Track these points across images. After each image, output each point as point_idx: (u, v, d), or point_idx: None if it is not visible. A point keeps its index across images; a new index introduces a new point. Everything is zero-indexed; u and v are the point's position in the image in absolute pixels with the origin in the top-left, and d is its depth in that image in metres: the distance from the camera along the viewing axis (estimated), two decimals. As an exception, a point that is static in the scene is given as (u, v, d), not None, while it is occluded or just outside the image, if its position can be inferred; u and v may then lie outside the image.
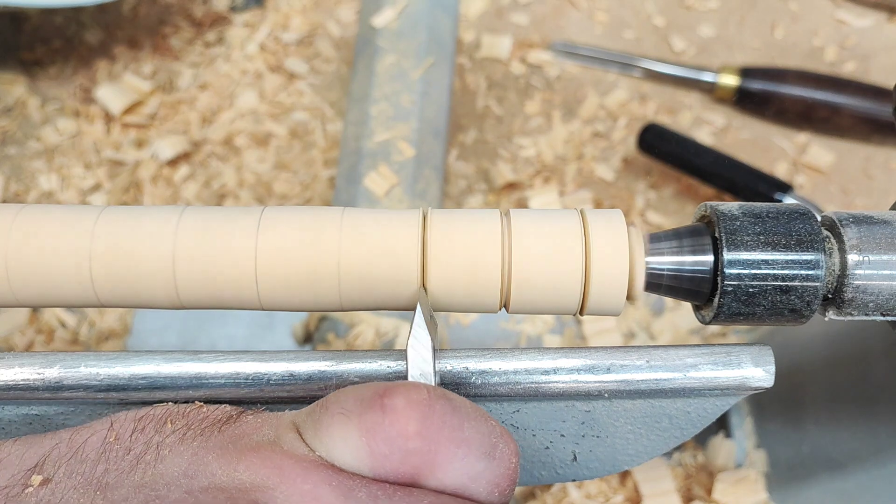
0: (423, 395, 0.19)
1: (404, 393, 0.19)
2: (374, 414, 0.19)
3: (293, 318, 0.54)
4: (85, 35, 0.69)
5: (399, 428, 0.19)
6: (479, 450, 0.19)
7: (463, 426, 0.19)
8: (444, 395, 0.20)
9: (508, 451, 0.20)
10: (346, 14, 0.71)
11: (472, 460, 0.19)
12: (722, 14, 0.72)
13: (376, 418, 0.19)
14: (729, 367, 0.25)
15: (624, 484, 0.47)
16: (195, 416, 0.23)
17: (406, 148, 0.55)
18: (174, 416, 0.23)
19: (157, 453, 0.21)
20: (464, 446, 0.19)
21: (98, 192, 0.61)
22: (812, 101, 0.63)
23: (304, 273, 0.24)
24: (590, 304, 0.24)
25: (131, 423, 0.22)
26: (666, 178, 0.63)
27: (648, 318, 0.54)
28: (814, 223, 0.24)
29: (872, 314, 0.24)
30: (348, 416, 0.19)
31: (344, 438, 0.19)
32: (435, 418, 0.19)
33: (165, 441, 0.21)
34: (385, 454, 0.19)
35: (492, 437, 0.20)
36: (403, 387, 0.19)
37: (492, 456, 0.20)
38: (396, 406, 0.19)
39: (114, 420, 0.23)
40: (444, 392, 0.20)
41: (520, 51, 0.69)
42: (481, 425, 0.20)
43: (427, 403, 0.19)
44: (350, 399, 0.19)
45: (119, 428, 0.22)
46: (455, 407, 0.19)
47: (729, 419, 0.48)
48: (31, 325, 0.54)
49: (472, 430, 0.19)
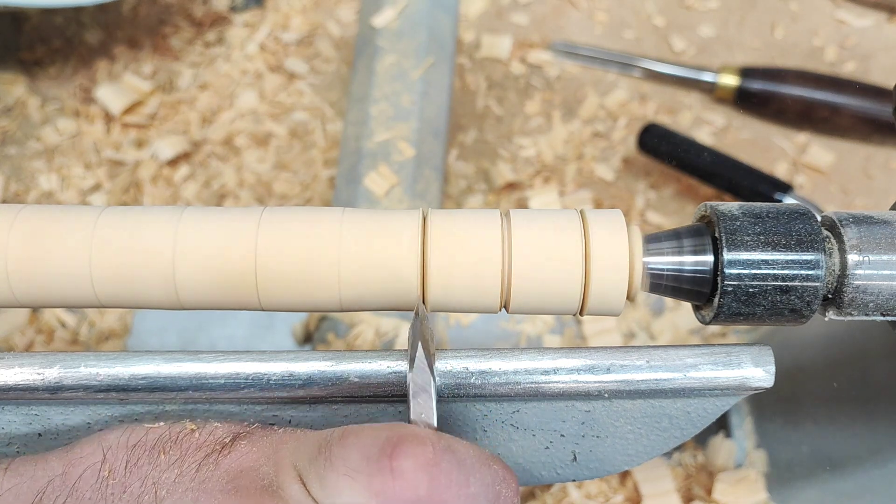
0: (429, 454, 0.19)
1: (412, 454, 0.19)
2: (382, 478, 0.19)
3: (293, 318, 0.54)
4: (85, 35, 0.69)
5: (409, 493, 0.19)
6: (483, 501, 0.20)
7: (469, 481, 0.20)
8: (449, 447, 0.20)
9: (511, 495, 0.21)
10: (346, 14, 0.71)
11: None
12: (722, 14, 0.72)
13: (386, 483, 0.19)
14: (729, 367, 0.25)
15: (624, 484, 0.47)
16: (188, 443, 0.22)
17: (406, 148, 0.55)
18: (167, 443, 0.22)
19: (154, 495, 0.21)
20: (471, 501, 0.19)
21: (98, 192, 0.61)
22: (812, 101, 0.63)
23: (304, 273, 0.24)
24: (590, 305, 0.24)
25: (124, 453, 0.22)
26: (666, 178, 0.63)
27: (648, 318, 0.54)
28: (814, 223, 0.24)
29: (872, 314, 0.24)
30: (356, 478, 0.19)
31: (353, 499, 0.19)
32: (442, 478, 0.19)
33: (162, 479, 0.21)
34: None
35: (495, 486, 0.20)
36: (409, 444, 0.19)
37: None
38: (405, 469, 0.19)
39: (105, 448, 0.22)
40: (449, 444, 0.20)
41: (520, 51, 0.69)
42: (485, 475, 0.20)
43: (434, 463, 0.19)
44: (355, 456, 0.19)
45: (112, 459, 0.22)
46: (460, 461, 0.20)
47: (729, 419, 0.48)
48: (31, 325, 0.54)
49: (478, 483, 0.20)
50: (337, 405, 0.26)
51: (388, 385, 0.25)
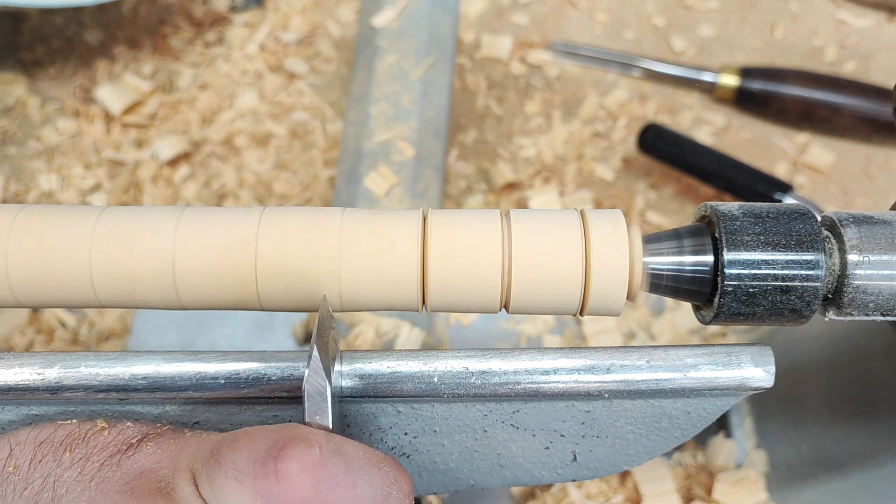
0: (315, 457, 0.19)
1: (297, 457, 0.19)
2: (267, 481, 0.19)
3: (293, 318, 0.54)
4: (85, 35, 0.69)
5: (293, 495, 0.19)
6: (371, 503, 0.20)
7: (356, 483, 0.19)
8: (337, 449, 0.20)
9: (401, 496, 0.21)
10: (346, 14, 0.71)
11: None
12: (722, 14, 0.72)
13: (270, 485, 0.19)
14: (729, 367, 0.25)
15: (624, 484, 0.47)
16: (95, 442, 0.22)
17: (406, 148, 0.55)
18: (74, 441, 0.22)
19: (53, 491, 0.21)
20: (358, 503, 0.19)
21: (98, 192, 0.61)
22: (812, 101, 0.63)
23: (304, 273, 0.24)
24: (590, 305, 0.24)
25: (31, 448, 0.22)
26: (666, 178, 0.63)
27: (648, 318, 0.54)
28: (814, 223, 0.24)
29: (872, 314, 0.24)
30: (242, 481, 0.19)
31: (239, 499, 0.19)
32: (328, 480, 0.19)
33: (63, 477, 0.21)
34: None
35: (384, 488, 0.20)
36: (295, 446, 0.19)
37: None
38: (289, 472, 0.19)
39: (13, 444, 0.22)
40: (338, 446, 0.20)
41: (520, 51, 0.69)
42: (374, 477, 0.20)
43: (320, 465, 0.19)
44: (243, 459, 0.19)
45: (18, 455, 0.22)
46: (348, 462, 0.20)
47: (729, 419, 0.48)
48: (31, 325, 0.54)
49: (365, 485, 0.20)
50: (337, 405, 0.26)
51: (387, 384, 0.25)
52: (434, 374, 0.25)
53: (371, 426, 0.27)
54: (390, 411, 0.26)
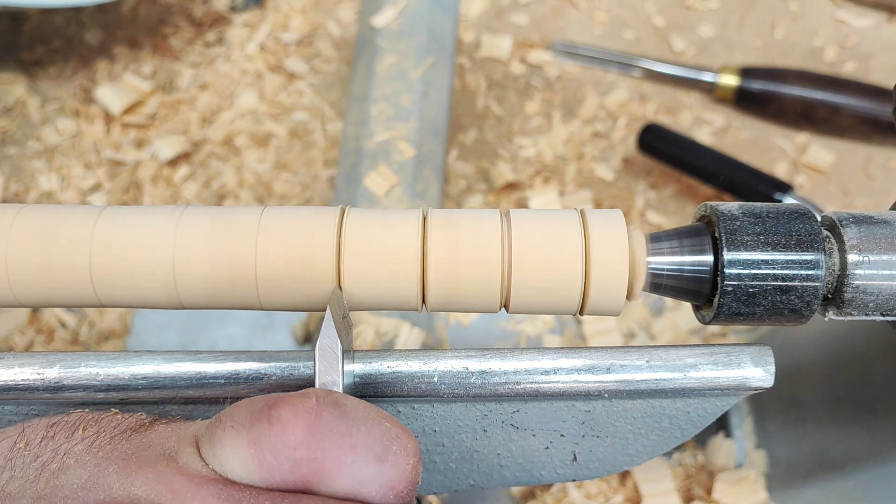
0: (310, 404, 0.19)
1: (292, 403, 0.19)
2: (261, 426, 0.19)
3: (293, 318, 0.54)
4: (85, 35, 0.69)
5: (285, 439, 0.19)
6: (368, 454, 0.20)
7: (352, 432, 0.19)
8: (335, 401, 0.20)
9: (404, 453, 0.20)
10: (346, 14, 0.71)
11: (361, 465, 0.19)
12: (722, 14, 0.72)
13: (263, 430, 0.19)
14: (729, 367, 0.25)
15: (624, 484, 0.47)
16: (108, 423, 0.23)
17: (406, 148, 0.55)
18: (87, 422, 0.23)
19: (62, 462, 0.21)
20: (352, 452, 0.19)
21: (98, 192, 0.61)
22: (812, 101, 0.63)
23: (304, 273, 0.24)
24: (590, 305, 0.24)
25: (43, 428, 0.22)
26: (666, 178, 0.63)
27: (648, 318, 0.54)
28: (814, 223, 0.24)
29: (872, 314, 0.24)
30: (238, 430, 0.19)
31: (235, 451, 0.19)
32: (321, 426, 0.19)
33: (73, 449, 0.21)
34: (273, 465, 0.19)
35: (384, 441, 0.20)
36: (293, 397, 0.19)
37: (383, 459, 0.20)
38: (282, 417, 0.19)
39: (27, 425, 0.22)
40: (337, 398, 0.20)
41: (520, 51, 0.69)
42: (373, 429, 0.20)
43: (314, 412, 0.19)
44: (242, 411, 0.20)
45: (30, 433, 0.22)
46: (344, 413, 0.20)
47: (729, 419, 0.48)
48: (31, 325, 0.54)
49: (362, 434, 0.20)
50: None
51: (387, 384, 0.25)
52: (434, 374, 0.25)
53: (371, 426, 0.26)
54: (390, 411, 0.26)
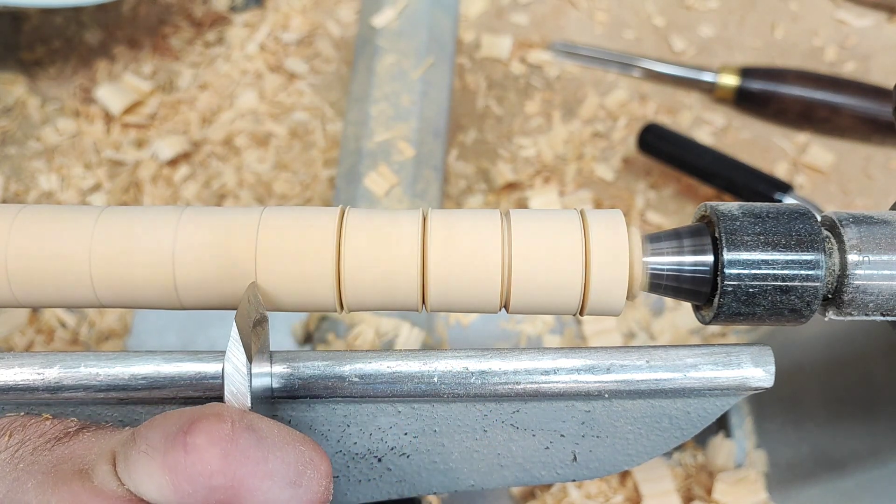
0: (225, 431, 0.19)
1: (207, 429, 0.19)
2: (176, 453, 0.19)
3: (293, 318, 0.54)
4: (85, 35, 0.69)
5: (201, 467, 0.19)
6: (283, 480, 0.20)
7: (267, 459, 0.19)
8: (250, 426, 0.20)
9: (318, 476, 0.20)
10: (346, 14, 0.71)
11: (276, 491, 0.19)
12: (722, 14, 0.72)
13: (178, 457, 0.19)
14: (729, 367, 0.25)
15: (624, 484, 0.47)
16: (34, 430, 0.23)
17: (406, 148, 0.55)
18: (14, 429, 0.22)
19: None
20: (268, 479, 0.19)
21: (98, 192, 0.61)
22: (812, 101, 0.63)
23: (304, 273, 0.24)
24: (590, 305, 0.24)
25: None
26: (666, 178, 0.63)
27: (648, 318, 0.54)
28: (814, 223, 0.24)
29: (872, 314, 0.24)
30: (152, 455, 0.19)
31: (150, 476, 0.19)
32: (237, 453, 0.19)
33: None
34: (189, 492, 0.19)
35: (299, 465, 0.20)
36: (208, 420, 0.19)
37: (297, 484, 0.20)
38: (198, 444, 0.19)
39: None
40: (251, 422, 0.20)
41: (520, 51, 0.69)
42: (288, 454, 0.20)
43: (229, 439, 0.19)
44: (156, 434, 0.19)
45: None
46: (260, 438, 0.20)
47: (729, 419, 0.48)
48: (31, 325, 0.54)
49: (278, 461, 0.20)
50: (337, 405, 0.26)
51: (387, 384, 0.25)
52: (434, 374, 0.25)
53: (371, 426, 0.27)
54: (390, 411, 0.26)
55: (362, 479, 0.28)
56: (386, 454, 0.27)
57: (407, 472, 0.27)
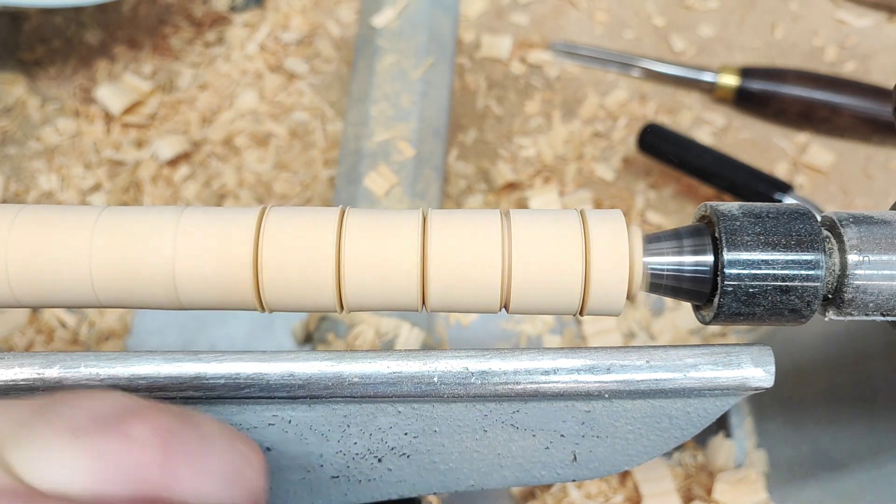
0: (170, 422, 0.18)
1: (150, 420, 0.18)
2: (111, 439, 0.17)
3: (293, 318, 0.54)
4: (85, 35, 0.69)
5: (137, 458, 0.17)
6: (220, 479, 0.19)
7: (208, 457, 0.19)
8: (193, 421, 0.19)
9: (255, 476, 0.20)
10: (346, 14, 0.71)
11: (213, 489, 0.18)
12: (722, 14, 0.72)
13: (111, 444, 0.17)
14: (729, 367, 0.25)
15: (624, 484, 0.47)
16: None
17: (406, 148, 0.55)
18: None
19: None
20: (207, 477, 0.18)
21: (98, 192, 0.61)
22: (812, 101, 0.63)
23: (304, 274, 0.24)
24: (590, 305, 0.24)
25: None
26: (666, 178, 0.63)
27: (648, 318, 0.54)
28: (814, 223, 0.24)
29: (872, 314, 0.24)
30: (78, 436, 0.17)
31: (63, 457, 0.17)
32: (179, 449, 0.18)
33: None
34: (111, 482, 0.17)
35: (236, 464, 0.19)
36: (148, 411, 0.18)
37: (234, 484, 0.19)
38: (137, 435, 0.17)
39: None
40: (194, 418, 0.19)
41: (520, 51, 0.69)
42: (227, 453, 0.19)
43: (172, 432, 0.18)
44: (82, 414, 0.18)
45: None
46: (202, 435, 0.19)
47: (729, 419, 0.48)
48: (31, 325, 0.54)
49: (217, 459, 0.19)
50: (337, 405, 0.26)
51: (387, 384, 0.25)
52: (434, 374, 0.25)
53: (371, 426, 0.27)
54: (390, 411, 0.26)
55: (362, 479, 0.28)
56: (386, 454, 0.27)
57: (407, 472, 0.27)
